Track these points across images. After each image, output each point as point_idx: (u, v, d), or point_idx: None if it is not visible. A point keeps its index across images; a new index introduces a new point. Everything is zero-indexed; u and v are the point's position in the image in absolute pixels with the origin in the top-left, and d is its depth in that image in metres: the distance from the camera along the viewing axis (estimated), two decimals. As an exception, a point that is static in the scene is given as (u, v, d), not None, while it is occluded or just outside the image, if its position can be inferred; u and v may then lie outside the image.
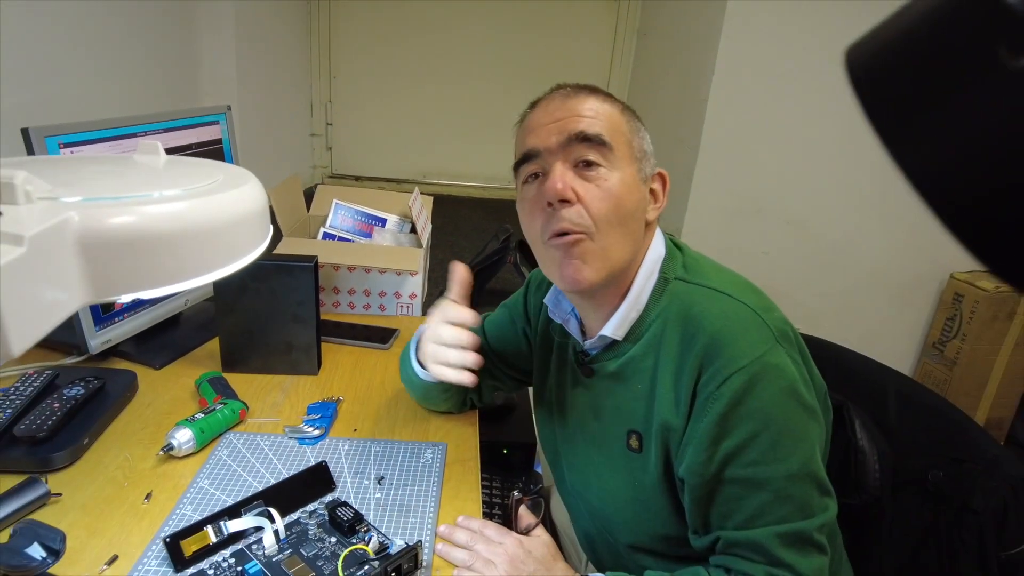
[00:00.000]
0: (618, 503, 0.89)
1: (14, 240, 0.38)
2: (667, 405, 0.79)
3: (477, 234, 2.34)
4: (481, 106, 2.76)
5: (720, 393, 0.74)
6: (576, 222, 0.78)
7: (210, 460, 0.99)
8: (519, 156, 0.84)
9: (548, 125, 0.81)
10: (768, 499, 0.75)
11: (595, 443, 0.91)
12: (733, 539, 0.77)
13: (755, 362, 0.74)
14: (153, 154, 0.58)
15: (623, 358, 0.85)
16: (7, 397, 1.00)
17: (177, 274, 0.47)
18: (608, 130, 0.80)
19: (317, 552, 0.83)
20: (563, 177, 0.78)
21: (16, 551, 0.65)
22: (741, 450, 0.75)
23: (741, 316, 0.78)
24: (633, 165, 0.82)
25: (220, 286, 1.16)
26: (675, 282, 0.84)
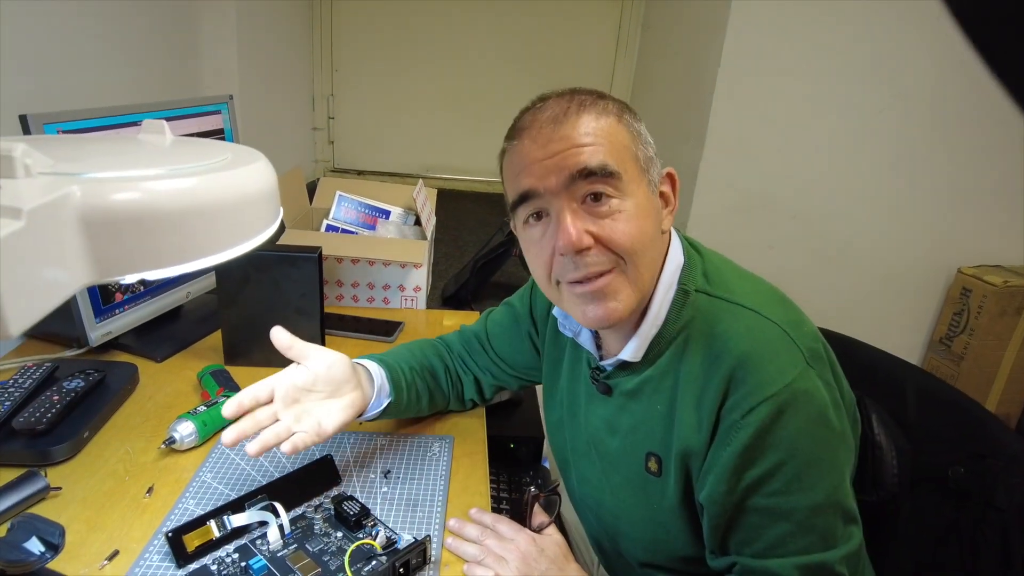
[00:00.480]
0: (633, 521, 0.85)
1: (12, 214, 0.36)
2: (688, 428, 0.75)
3: (481, 228, 2.32)
4: (484, 100, 2.73)
5: (746, 423, 0.70)
6: (599, 261, 0.72)
7: (212, 453, 0.97)
8: (515, 196, 0.75)
9: (543, 161, 0.72)
10: (790, 530, 0.71)
11: (611, 461, 0.86)
12: (750, 567, 0.74)
13: (784, 389, 0.69)
14: (159, 133, 0.56)
15: (641, 376, 0.80)
16: (5, 390, 0.98)
17: (183, 254, 0.45)
18: (612, 155, 0.72)
19: (323, 547, 0.81)
20: (575, 224, 0.71)
21: (14, 545, 0.63)
22: (765, 480, 0.71)
23: (770, 337, 0.72)
24: (643, 181, 0.75)
25: (222, 277, 1.14)
26: (696, 295, 0.77)
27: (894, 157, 2.16)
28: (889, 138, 2.14)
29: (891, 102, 2.10)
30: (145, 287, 1.23)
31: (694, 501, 0.78)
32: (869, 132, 2.13)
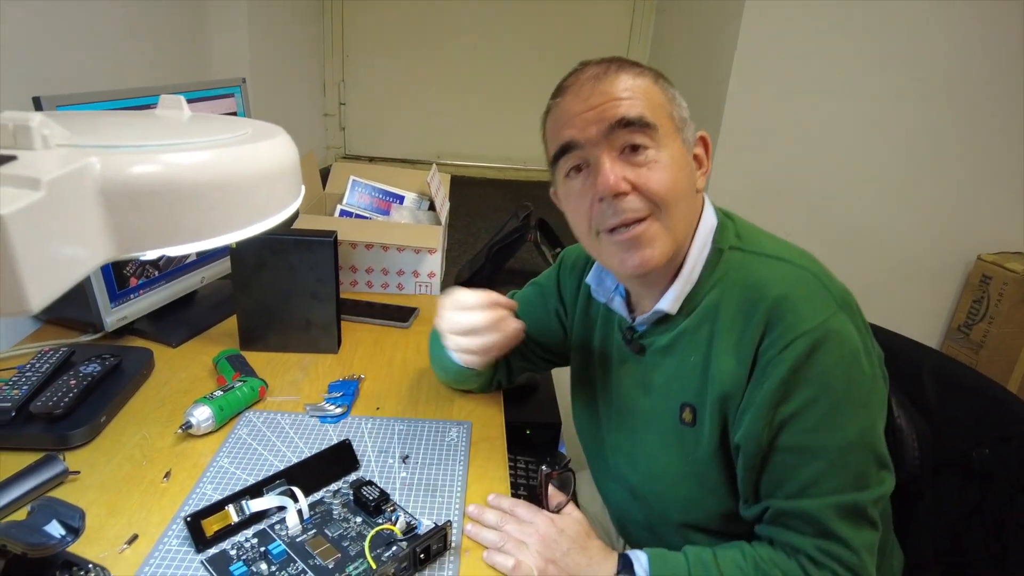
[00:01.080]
0: (670, 480, 0.86)
1: (30, 184, 0.35)
2: (724, 374, 0.77)
3: (494, 214, 2.30)
4: (496, 86, 2.70)
5: (782, 358, 0.72)
6: (636, 207, 0.76)
7: (229, 439, 0.96)
8: (556, 149, 0.80)
9: (584, 114, 0.76)
10: (823, 468, 0.73)
11: (644, 421, 0.88)
12: (782, 509, 0.75)
13: (819, 327, 0.72)
14: (176, 108, 0.55)
15: (675, 331, 0.83)
16: (23, 374, 0.98)
17: (204, 229, 0.43)
18: (649, 108, 0.76)
19: (342, 532, 0.80)
20: (614, 170, 0.75)
21: (35, 529, 0.62)
22: (798, 416, 0.73)
23: (803, 281, 0.76)
24: (678, 138, 0.79)
25: (238, 261, 1.13)
26: (730, 252, 0.81)
27: (912, 142, 2.13)
28: (907, 123, 2.10)
29: (909, 86, 2.05)
30: (160, 271, 1.23)
31: (730, 448, 0.79)
32: (886, 117, 2.10)
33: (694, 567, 0.77)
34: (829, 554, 0.74)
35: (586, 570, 0.79)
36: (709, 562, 0.78)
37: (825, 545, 0.74)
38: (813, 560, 0.74)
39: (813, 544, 0.74)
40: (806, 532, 0.74)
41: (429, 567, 0.77)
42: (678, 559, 0.79)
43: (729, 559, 0.78)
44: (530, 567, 0.77)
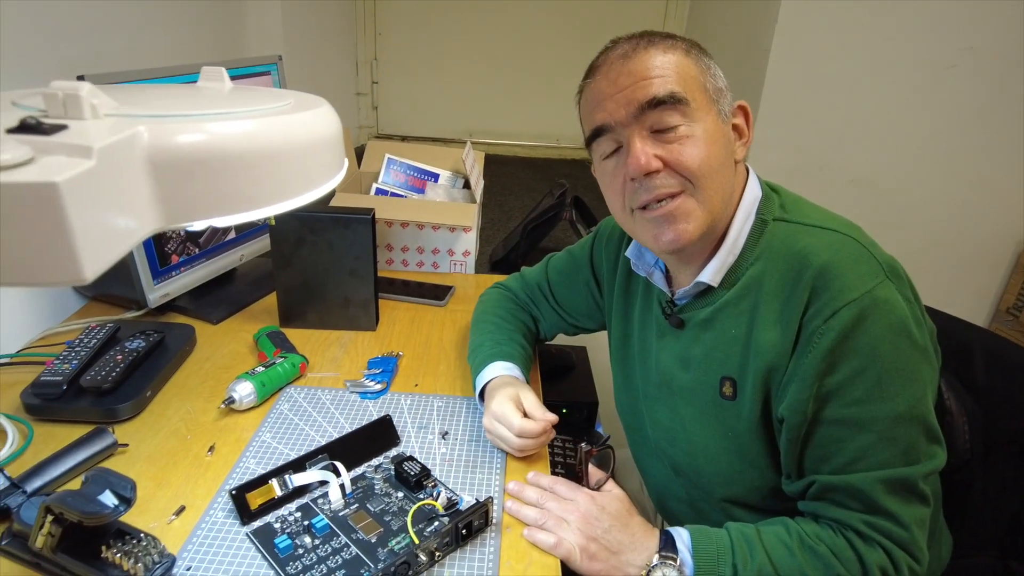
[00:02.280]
0: (709, 455, 0.85)
1: (82, 152, 0.35)
2: (768, 345, 0.76)
3: (527, 193, 2.28)
4: (529, 62, 2.67)
5: (828, 327, 0.71)
6: (668, 184, 0.75)
7: (271, 414, 0.97)
8: (589, 132, 0.81)
9: (614, 96, 0.76)
10: (871, 441, 0.71)
11: (683, 395, 0.87)
12: (829, 483, 0.74)
13: (865, 296, 0.70)
14: (218, 80, 0.54)
15: (716, 304, 0.82)
16: (72, 349, 1.00)
17: (251, 199, 0.43)
18: (680, 83, 0.75)
19: (384, 507, 0.80)
20: (644, 150, 0.74)
21: (90, 498, 0.64)
22: (845, 387, 0.71)
23: (849, 250, 0.74)
24: (712, 110, 0.77)
25: (277, 239, 1.14)
26: (775, 223, 0.79)
27: (963, 116, 2.04)
28: (958, 96, 2.01)
29: (961, 56, 1.97)
30: (200, 249, 1.24)
31: (771, 421, 0.78)
32: (936, 89, 2.01)
33: (737, 543, 0.76)
34: (878, 529, 0.72)
35: (628, 547, 0.78)
36: (752, 538, 0.77)
37: (874, 520, 0.72)
38: (861, 535, 0.73)
39: (861, 519, 0.73)
40: (853, 507, 0.73)
41: (471, 543, 0.77)
42: (720, 535, 0.78)
43: (773, 535, 0.77)
44: (571, 545, 0.77)
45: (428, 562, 0.73)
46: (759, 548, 0.75)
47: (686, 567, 0.76)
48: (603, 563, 0.77)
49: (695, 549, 0.76)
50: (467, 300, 1.36)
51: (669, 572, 0.75)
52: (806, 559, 0.74)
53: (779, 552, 0.75)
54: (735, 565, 0.75)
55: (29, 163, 0.33)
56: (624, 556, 0.78)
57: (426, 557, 0.72)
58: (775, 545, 0.75)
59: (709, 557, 0.76)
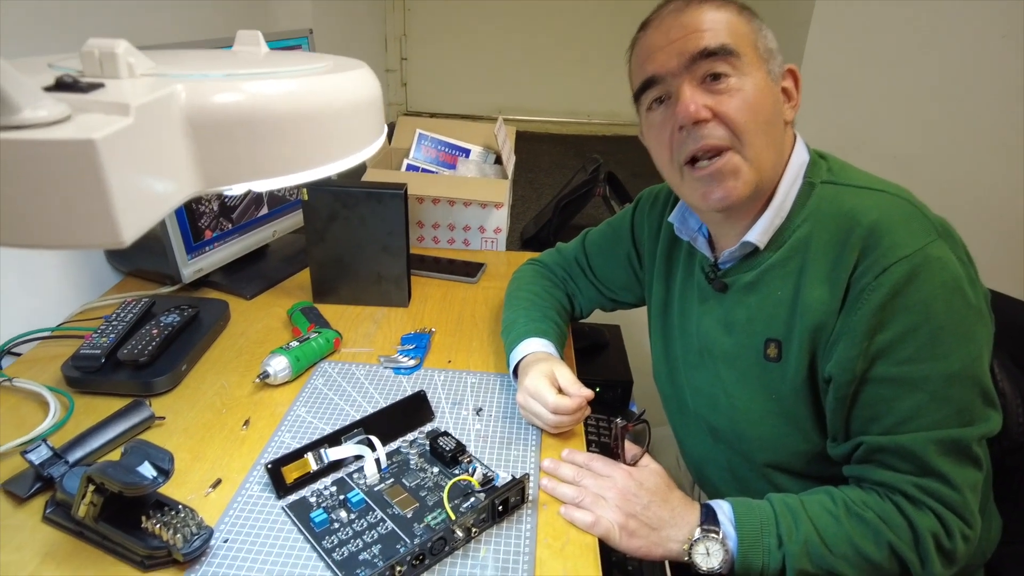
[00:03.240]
0: (752, 419, 0.84)
1: (120, 110, 0.33)
2: (815, 303, 0.74)
3: (557, 170, 2.25)
4: (560, 38, 2.62)
5: (878, 283, 0.69)
6: (717, 135, 0.74)
7: (306, 388, 0.97)
8: (639, 84, 0.80)
9: (665, 48, 0.76)
10: (923, 401, 0.69)
11: (726, 359, 0.86)
12: (877, 444, 0.72)
13: (918, 252, 0.68)
14: (254, 44, 0.53)
15: (762, 266, 0.80)
16: (109, 323, 1.01)
17: (290, 163, 0.42)
18: (731, 37, 0.74)
19: (420, 482, 0.80)
20: (694, 98, 0.74)
21: (130, 469, 0.64)
22: (895, 345, 0.69)
23: (900, 208, 0.73)
24: (762, 67, 0.76)
25: (310, 213, 1.13)
26: (822, 186, 0.78)
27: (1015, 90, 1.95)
28: (1008, 67, 1.92)
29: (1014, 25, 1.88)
30: (233, 224, 1.24)
31: (817, 382, 0.77)
32: (987, 62, 1.92)
33: (781, 514, 0.75)
34: (928, 492, 0.70)
35: (668, 522, 0.77)
36: (796, 508, 0.75)
37: (924, 482, 0.70)
38: (910, 498, 0.71)
39: (910, 481, 0.71)
40: (902, 469, 0.71)
41: (507, 520, 0.76)
42: (763, 507, 0.76)
43: (817, 504, 0.75)
44: (609, 523, 0.76)
45: (464, 538, 0.72)
46: (804, 518, 0.74)
47: (729, 540, 0.74)
48: (643, 539, 0.76)
49: (738, 521, 0.75)
50: (499, 277, 1.34)
51: (712, 546, 0.74)
52: (854, 527, 0.72)
53: (825, 520, 0.73)
54: (780, 536, 0.73)
55: (66, 120, 0.32)
56: (665, 531, 0.76)
57: (462, 533, 0.71)
58: (820, 514, 0.74)
59: (752, 529, 0.74)
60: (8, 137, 0.29)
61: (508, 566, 0.70)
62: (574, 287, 1.12)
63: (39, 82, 0.35)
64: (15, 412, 0.90)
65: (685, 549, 0.75)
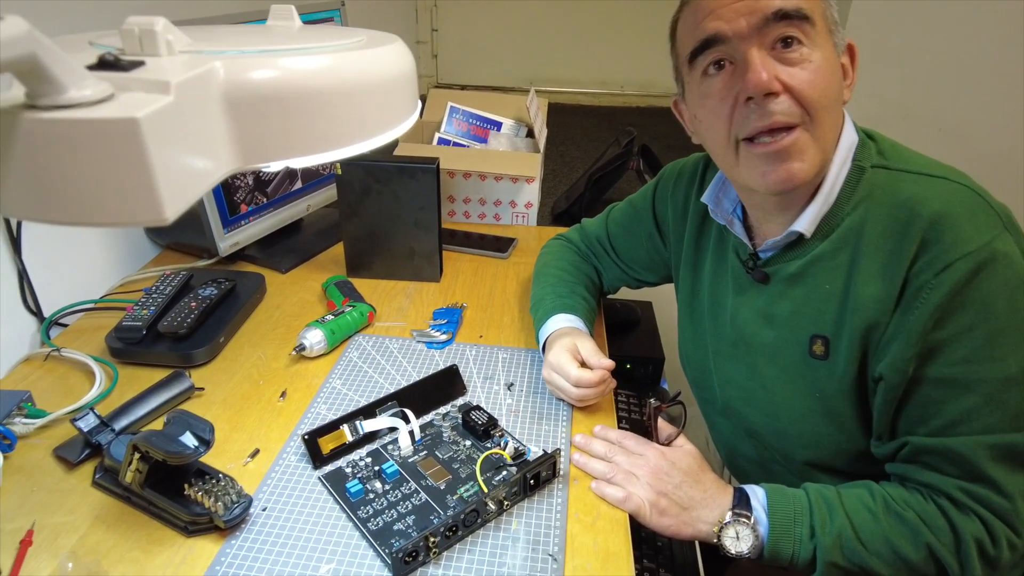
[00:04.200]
0: (794, 416, 0.81)
1: (160, 88, 0.34)
2: (868, 300, 0.70)
3: (589, 143, 2.22)
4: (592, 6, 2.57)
5: (939, 281, 0.65)
6: (788, 111, 0.67)
7: (341, 361, 0.98)
8: (697, 44, 0.71)
9: (733, 5, 0.68)
10: (976, 403, 0.66)
11: (765, 354, 0.82)
12: (923, 446, 0.69)
13: (983, 248, 0.64)
14: (288, 19, 0.53)
15: (807, 257, 0.76)
16: (149, 296, 1.03)
17: (327, 139, 0.42)
18: (806, 1, 0.67)
19: (452, 455, 0.81)
20: (765, 66, 0.66)
21: (172, 438, 0.66)
22: (950, 344, 0.66)
23: (963, 198, 0.67)
24: (830, 40, 0.70)
25: (343, 188, 1.13)
26: (873, 170, 0.72)
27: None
28: (1067, 31, 1.84)
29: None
30: (268, 199, 1.25)
31: (866, 381, 0.74)
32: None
33: (816, 504, 0.73)
34: (976, 497, 0.68)
35: (700, 503, 0.76)
36: (832, 500, 0.73)
37: (972, 488, 0.68)
38: (956, 502, 0.68)
39: (957, 485, 0.68)
40: (949, 472, 0.69)
41: (538, 494, 0.76)
42: (798, 495, 0.74)
43: (855, 498, 0.73)
44: (641, 499, 0.76)
45: (496, 511, 0.73)
46: (839, 510, 0.72)
47: (760, 526, 0.73)
48: (673, 518, 0.76)
49: (770, 508, 0.73)
50: (530, 252, 1.34)
51: (743, 530, 0.73)
52: (891, 524, 0.70)
53: (861, 516, 0.71)
54: (812, 527, 0.71)
55: (109, 99, 0.32)
56: (695, 512, 0.76)
57: (495, 506, 0.72)
58: (857, 508, 0.72)
59: (785, 517, 0.73)
60: (55, 116, 0.30)
61: (539, 539, 0.71)
62: (598, 264, 1.11)
63: (82, 60, 0.35)
64: (64, 381, 0.93)
65: (715, 531, 0.74)
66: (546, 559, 0.69)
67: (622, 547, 0.71)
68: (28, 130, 0.30)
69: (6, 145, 0.30)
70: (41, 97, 0.30)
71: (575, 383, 0.86)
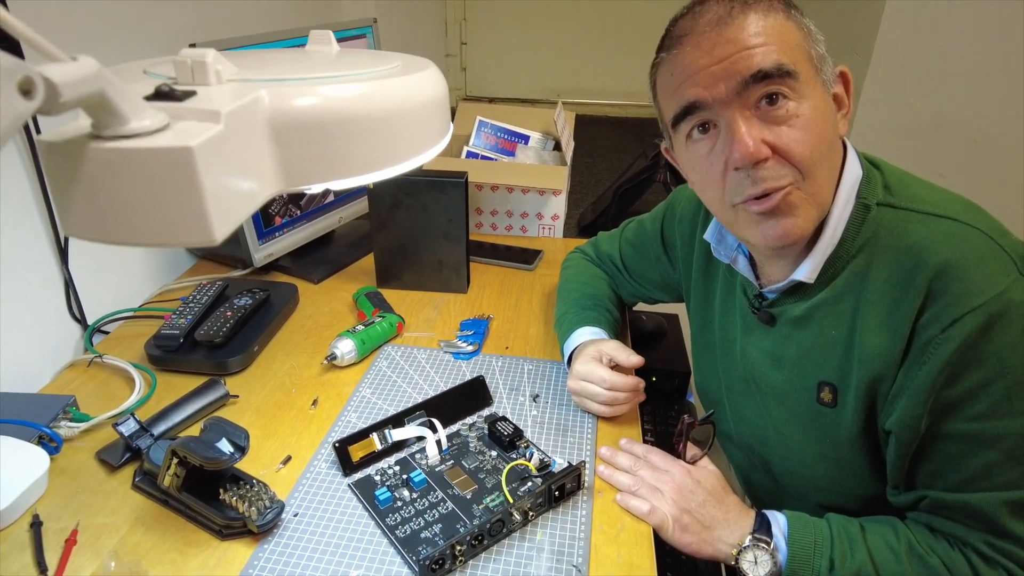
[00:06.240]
0: (806, 460, 0.79)
1: (211, 117, 0.36)
2: (873, 352, 0.68)
3: (615, 155, 2.24)
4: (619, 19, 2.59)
5: (947, 337, 0.62)
6: (779, 175, 0.65)
7: (371, 370, 1.00)
8: (678, 110, 0.68)
9: (710, 68, 0.64)
10: (995, 459, 0.64)
11: (775, 396, 0.81)
12: (943, 501, 0.68)
13: (995, 300, 0.61)
14: (326, 44, 0.55)
15: (812, 301, 0.73)
16: (187, 305, 1.06)
17: (364, 163, 0.44)
18: (786, 53, 0.64)
19: (478, 464, 0.82)
20: (751, 133, 0.64)
21: (209, 445, 0.68)
22: (967, 400, 0.63)
23: (974, 244, 0.64)
24: (818, 81, 0.67)
25: (375, 201, 1.16)
26: (879, 209, 0.69)
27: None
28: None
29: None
30: (301, 211, 1.29)
31: (876, 431, 0.72)
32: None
33: (837, 537, 0.71)
34: (1002, 552, 0.66)
35: (722, 523, 0.76)
36: (855, 534, 0.72)
37: (997, 542, 0.66)
38: (983, 556, 0.67)
39: (983, 539, 0.67)
40: (972, 526, 0.67)
41: (563, 505, 0.77)
42: (820, 526, 0.73)
43: (878, 535, 0.71)
44: (665, 514, 0.76)
45: (522, 521, 0.74)
46: (861, 546, 0.70)
47: (779, 553, 0.72)
48: (695, 536, 0.76)
49: (791, 536, 0.73)
50: (555, 265, 1.35)
51: (761, 555, 0.73)
52: (914, 567, 0.68)
53: (884, 555, 0.70)
54: (832, 560, 0.70)
55: (165, 129, 0.34)
56: (716, 532, 0.76)
57: (520, 516, 0.73)
58: (880, 547, 0.70)
59: (805, 547, 0.72)
60: (117, 146, 0.32)
61: (564, 550, 0.72)
62: (613, 283, 1.11)
63: (139, 91, 0.37)
64: (105, 386, 0.96)
65: (733, 554, 0.74)
66: (570, 570, 0.70)
67: (646, 560, 0.72)
68: (93, 159, 0.32)
69: (73, 173, 0.33)
70: (105, 128, 0.33)
71: (610, 386, 0.86)
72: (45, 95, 0.30)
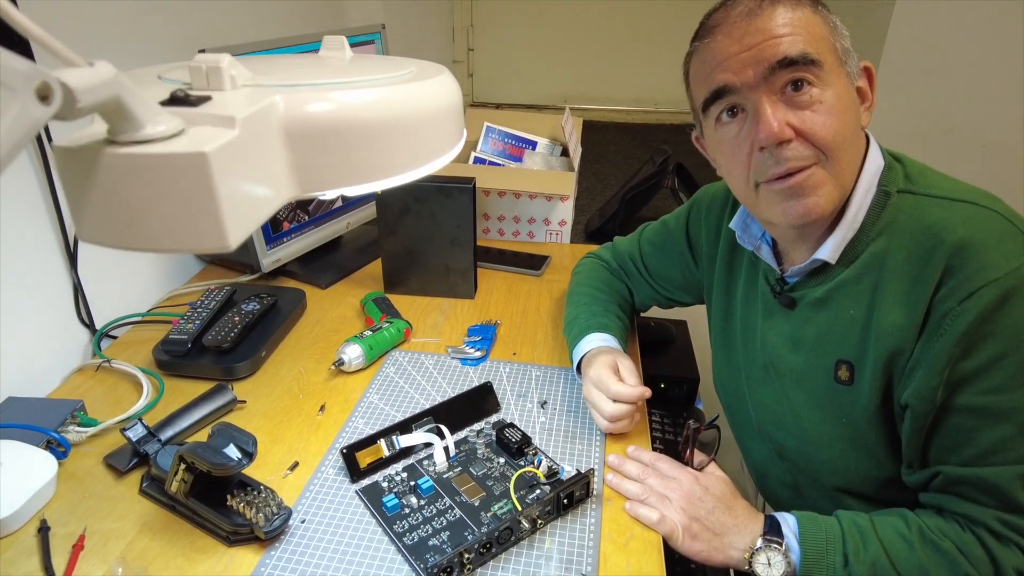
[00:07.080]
0: (822, 441, 0.80)
1: (226, 122, 0.36)
2: (891, 327, 0.70)
3: (623, 161, 2.23)
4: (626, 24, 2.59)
5: (964, 309, 0.64)
6: (802, 155, 0.69)
7: (378, 376, 1.00)
8: (708, 94, 0.73)
9: (739, 55, 0.69)
10: (1010, 433, 0.65)
11: (793, 379, 0.82)
12: (957, 476, 0.69)
13: (1011, 274, 0.63)
14: (339, 49, 0.55)
15: (832, 282, 0.76)
16: (195, 310, 1.06)
17: (378, 169, 0.43)
18: (811, 43, 0.68)
19: (486, 471, 0.82)
20: (776, 115, 0.68)
21: (216, 450, 0.68)
22: (981, 373, 0.65)
23: (990, 223, 0.67)
24: (842, 72, 0.71)
25: (383, 207, 1.16)
26: (899, 196, 0.72)
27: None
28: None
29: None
30: (309, 216, 1.29)
31: (892, 408, 0.73)
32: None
33: (848, 532, 0.72)
34: (1014, 528, 0.67)
35: (731, 529, 0.76)
36: (866, 528, 0.72)
37: (1010, 518, 0.67)
38: (995, 533, 0.67)
39: (996, 516, 0.67)
40: (985, 503, 0.68)
41: (572, 513, 0.77)
42: (830, 523, 0.74)
43: (889, 526, 0.72)
44: (674, 522, 0.76)
45: (530, 529, 0.73)
46: (873, 539, 0.71)
47: (792, 553, 0.73)
48: (705, 543, 0.76)
49: (802, 535, 0.73)
50: (563, 270, 1.35)
51: (774, 556, 0.73)
52: (928, 555, 0.69)
53: (896, 545, 0.70)
54: (846, 555, 0.71)
55: (181, 134, 0.34)
56: (727, 538, 0.76)
57: (528, 524, 0.73)
58: (892, 537, 0.71)
59: (817, 544, 0.72)
60: (133, 151, 0.32)
61: (572, 558, 0.71)
62: (630, 283, 1.11)
63: (154, 96, 0.37)
64: (113, 391, 0.96)
65: (746, 558, 0.74)
66: (579, 579, 0.69)
67: (656, 569, 0.71)
68: (109, 164, 0.32)
69: (88, 178, 0.32)
70: (121, 133, 0.33)
71: (614, 397, 0.86)
72: (63, 101, 0.29)
